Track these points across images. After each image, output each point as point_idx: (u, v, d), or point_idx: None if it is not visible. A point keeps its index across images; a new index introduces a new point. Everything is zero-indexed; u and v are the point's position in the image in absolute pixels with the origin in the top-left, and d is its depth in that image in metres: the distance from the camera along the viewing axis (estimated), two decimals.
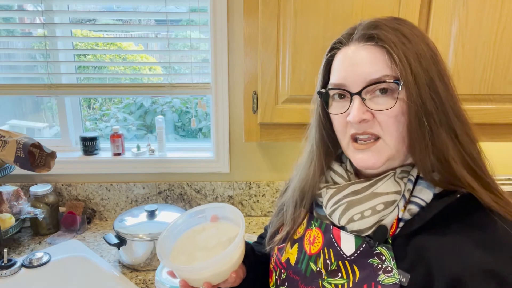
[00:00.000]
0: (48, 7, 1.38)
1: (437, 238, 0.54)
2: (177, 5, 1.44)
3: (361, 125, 0.58)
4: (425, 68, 0.55)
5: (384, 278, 0.56)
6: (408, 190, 0.58)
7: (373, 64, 0.56)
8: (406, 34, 0.56)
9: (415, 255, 0.55)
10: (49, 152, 1.09)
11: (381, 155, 0.58)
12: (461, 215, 0.55)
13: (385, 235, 0.58)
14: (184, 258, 0.66)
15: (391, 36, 0.56)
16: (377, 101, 0.57)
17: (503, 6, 0.97)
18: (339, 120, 0.62)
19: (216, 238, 0.69)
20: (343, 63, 0.59)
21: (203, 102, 1.49)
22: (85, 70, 1.67)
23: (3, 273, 1.09)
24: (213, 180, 1.52)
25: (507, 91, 1.02)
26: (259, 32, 1.02)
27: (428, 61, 0.56)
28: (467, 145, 0.56)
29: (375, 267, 0.57)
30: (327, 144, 0.67)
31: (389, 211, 0.58)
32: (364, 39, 0.57)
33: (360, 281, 0.58)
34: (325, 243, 0.63)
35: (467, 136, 0.56)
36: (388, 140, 0.57)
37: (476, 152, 0.57)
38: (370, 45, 0.57)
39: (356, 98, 0.57)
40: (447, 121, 0.55)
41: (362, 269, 0.58)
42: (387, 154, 0.58)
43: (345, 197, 0.61)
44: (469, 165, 0.55)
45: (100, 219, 1.54)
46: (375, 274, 0.57)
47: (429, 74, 0.55)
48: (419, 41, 0.56)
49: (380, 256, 0.57)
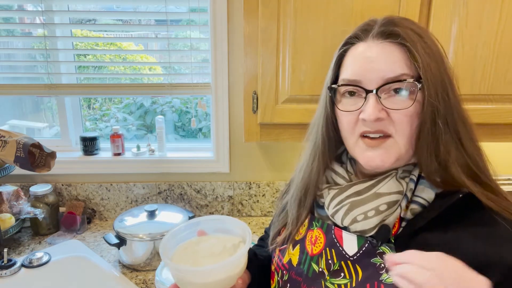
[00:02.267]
0: (48, 7, 1.38)
1: (439, 236, 0.54)
2: (177, 5, 1.44)
3: (375, 124, 0.57)
4: (440, 70, 0.55)
5: (387, 277, 0.56)
6: (410, 189, 0.58)
7: (391, 62, 0.55)
8: (422, 34, 0.56)
9: None
10: (49, 152, 1.09)
11: (391, 154, 0.58)
12: (462, 214, 0.55)
13: (388, 234, 0.58)
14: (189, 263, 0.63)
15: (412, 35, 0.55)
16: (393, 100, 0.56)
17: (503, 6, 0.97)
18: (349, 117, 0.60)
19: (221, 245, 0.65)
20: (358, 58, 0.58)
21: (203, 102, 1.49)
22: (85, 70, 1.67)
23: (3, 273, 1.09)
24: (213, 180, 1.52)
25: (507, 91, 1.02)
26: (259, 32, 1.02)
27: (441, 63, 0.56)
28: (470, 149, 0.55)
29: (378, 266, 0.57)
30: (332, 141, 0.67)
31: (391, 211, 0.58)
32: (384, 36, 0.56)
33: (363, 280, 0.58)
34: (327, 243, 0.63)
35: (471, 140, 0.56)
36: (400, 140, 0.57)
37: (479, 156, 0.57)
38: (389, 43, 0.56)
39: (372, 96, 0.56)
40: (454, 124, 0.55)
41: (365, 269, 0.58)
42: (396, 153, 0.58)
43: (348, 198, 0.61)
44: (471, 169, 0.55)
45: (100, 219, 1.54)
46: (378, 273, 0.57)
47: (442, 76, 0.55)
48: (432, 43, 0.56)
49: (382, 255, 0.57)
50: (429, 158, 0.55)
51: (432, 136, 0.55)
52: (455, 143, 0.55)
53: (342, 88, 0.61)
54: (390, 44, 0.56)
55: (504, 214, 0.52)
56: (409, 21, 0.58)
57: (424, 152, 0.56)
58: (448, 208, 0.55)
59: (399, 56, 0.55)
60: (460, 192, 0.55)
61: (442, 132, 0.54)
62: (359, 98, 0.59)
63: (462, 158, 0.55)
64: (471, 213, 0.54)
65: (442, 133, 0.54)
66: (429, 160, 0.55)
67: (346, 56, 0.61)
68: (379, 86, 0.56)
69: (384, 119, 0.56)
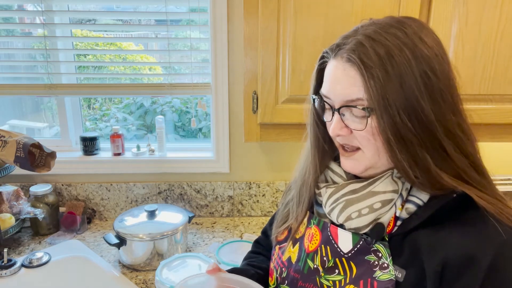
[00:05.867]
0: (48, 7, 1.38)
1: (430, 235, 0.55)
2: (177, 5, 1.44)
3: (341, 138, 0.61)
4: (408, 92, 0.52)
5: (380, 274, 0.57)
6: (406, 189, 0.59)
7: (350, 85, 0.56)
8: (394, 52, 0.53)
9: (411, 251, 0.56)
10: (49, 152, 1.09)
11: (360, 163, 0.61)
12: (456, 214, 0.56)
13: (382, 232, 0.59)
14: None
15: (374, 57, 0.53)
16: (353, 119, 0.58)
17: (503, 6, 0.97)
18: (329, 127, 0.63)
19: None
20: (329, 76, 0.60)
21: (203, 102, 1.49)
22: (85, 70, 1.67)
23: (3, 273, 1.09)
24: (213, 180, 1.52)
25: (507, 91, 1.02)
26: (259, 32, 1.02)
27: (416, 82, 0.52)
28: (458, 161, 0.55)
29: (372, 263, 0.58)
30: (322, 144, 0.68)
31: (386, 210, 0.59)
32: (345, 58, 0.56)
33: (356, 277, 0.59)
34: (323, 240, 0.64)
35: (459, 150, 0.55)
36: (367, 152, 0.59)
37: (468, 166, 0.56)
38: (351, 65, 0.55)
39: (336, 114, 0.59)
40: (431, 141, 0.54)
41: (359, 266, 0.59)
42: (365, 163, 0.60)
43: (344, 196, 0.62)
44: (462, 177, 0.55)
45: (100, 219, 1.54)
46: (372, 270, 0.58)
47: (412, 97, 0.52)
48: (410, 57, 0.53)
49: (376, 253, 0.58)
50: (402, 168, 0.56)
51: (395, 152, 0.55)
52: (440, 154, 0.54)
53: (321, 101, 0.63)
54: (351, 66, 0.55)
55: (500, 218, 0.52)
56: (394, 29, 0.55)
57: (395, 164, 0.56)
58: (443, 208, 0.55)
59: (358, 79, 0.55)
60: (454, 192, 0.55)
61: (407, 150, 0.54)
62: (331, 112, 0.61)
63: (451, 168, 0.55)
64: (465, 212, 0.55)
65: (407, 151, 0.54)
66: (404, 170, 0.55)
67: (326, 68, 0.62)
68: (339, 106, 0.58)
69: (346, 135, 0.59)
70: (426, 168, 0.54)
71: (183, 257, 1.11)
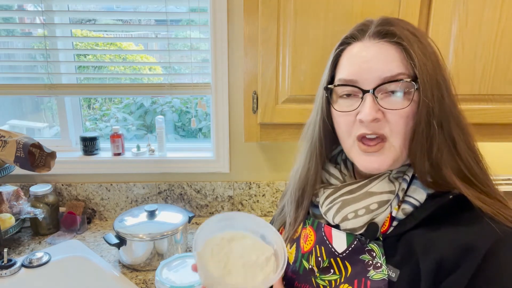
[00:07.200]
0: (48, 7, 1.38)
1: (427, 235, 0.55)
2: (177, 5, 1.44)
3: (372, 125, 0.56)
4: (435, 71, 0.54)
5: (373, 273, 0.57)
6: (402, 189, 0.59)
7: (388, 62, 0.55)
8: (417, 35, 0.55)
9: (405, 251, 0.56)
10: (49, 152, 1.09)
11: (387, 158, 0.57)
12: (452, 215, 0.55)
13: (376, 232, 0.58)
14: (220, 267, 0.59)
15: (408, 35, 0.54)
16: (389, 100, 0.55)
17: (503, 6, 0.97)
18: (345, 118, 0.60)
19: (254, 254, 0.61)
20: (355, 58, 0.58)
21: (203, 102, 1.49)
22: (85, 70, 1.67)
23: (3, 273, 1.09)
24: (213, 180, 1.52)
25: (507, 91, 1.02)
26: (259, 32, 1.02)
27: (437, 64, 0.55)
28: (464, 154, 0.55)
29: (366, 263, 0.58)
30: (328, 141, 0.67)
31: (382, 210, 0.59)
32: (380, 35, 0.56)
33: (351, 276, 0.59)
34: (317, 241, 0.64)
35: (466, 144, 0.56)
36: (395, 141, 0.56)
37: (473, 160, 0.56)
38: (385, 42, 0.55)
39: (369, 96, 0.55)
40: (448, 126, 0.55)
41: (354, 265, 0.59)
42: (392, 156, 0.57)
43: (340, 196, 0.62)
44: (463, 172, 0.55)
45: (100, 219, 1.54)
46: (366, 270, 0.58)
47: (437, 77, 0.54)
48: (428, 44, 0.56)
49: (371, 252, 0.58)
50: (422, 159, 0.55)
51: (426, 137, 0.54)
52: (448, 145, 0.55)
53: (339, 88, 0.60)
54: (386, 44, 0.55)
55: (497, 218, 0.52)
56: (405, 22, 0.58)
57: (417, 153, 0.55)
58: (439, 209, 0.55)
59: (396, 56, 0.55)
60: (451, 193, 0.55)
61: (436, 133, 0.54)
62: (355, 99, 0.58)
63: (454, 161, 0.55)
64: (461, 213, 0.55)
65: (436, 134, 0.54)
66: (422, 161, 0.55)
67: (342, 56, 0.61)
68: (375, 86, 0.55)
69: (380, 120, 0.56)
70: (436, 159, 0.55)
71: (183, 257, 1.11)
